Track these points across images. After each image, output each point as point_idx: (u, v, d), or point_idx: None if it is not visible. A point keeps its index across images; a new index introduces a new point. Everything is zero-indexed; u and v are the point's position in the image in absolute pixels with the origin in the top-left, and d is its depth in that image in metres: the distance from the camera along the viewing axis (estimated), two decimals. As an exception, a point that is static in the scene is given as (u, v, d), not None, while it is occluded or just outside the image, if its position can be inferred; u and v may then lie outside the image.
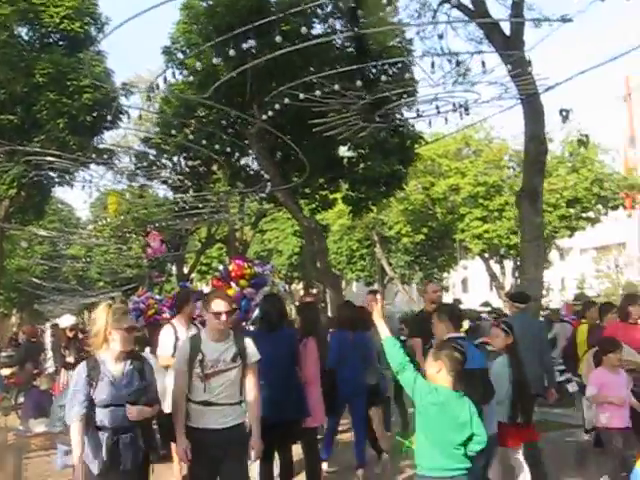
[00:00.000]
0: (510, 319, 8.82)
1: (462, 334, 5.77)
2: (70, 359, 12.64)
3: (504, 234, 35.64)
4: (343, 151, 18.91)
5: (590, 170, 35.70)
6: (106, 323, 4.99)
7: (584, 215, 36.69)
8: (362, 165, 17.99)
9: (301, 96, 9.19)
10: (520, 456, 6.60)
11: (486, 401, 5.68)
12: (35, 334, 17.07)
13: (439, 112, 8.80)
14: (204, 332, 5.60)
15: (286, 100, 9.80)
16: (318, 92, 9.01)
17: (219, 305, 5.38)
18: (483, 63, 8.35)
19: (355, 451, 8.13)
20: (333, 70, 10.27)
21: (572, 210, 35.45)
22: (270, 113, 9.70)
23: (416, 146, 17.64)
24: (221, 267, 12.75)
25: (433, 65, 8.30)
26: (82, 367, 5.02)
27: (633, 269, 50.91)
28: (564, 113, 10.25)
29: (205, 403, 5.34)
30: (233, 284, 11.62)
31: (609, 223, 39.83)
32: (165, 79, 13.75)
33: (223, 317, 5.34)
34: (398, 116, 11.91)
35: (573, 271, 53.89)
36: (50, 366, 13.34)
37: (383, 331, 4.95)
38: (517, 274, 38.83)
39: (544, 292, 18.28)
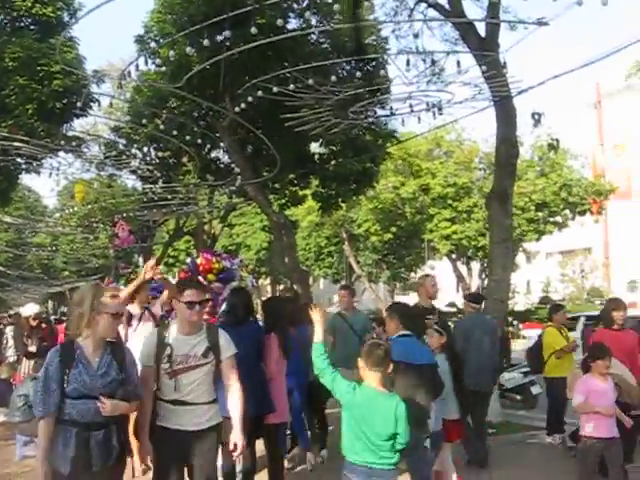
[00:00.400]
0: (466, 319, 9.15)
1: (409, 332, 5.87)
2: (32, 348, 12.47)
3: (472, 235, 35.90)
4: (314, 147, 18.87)
5: (559, 175, 36.09)
6: (92, 305, 4.46)
7: (551, 219, 37.07)
8: (333, 162, 17.98)
9: (275, 89, 9.10)
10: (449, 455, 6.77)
11: (435, 396, 5.94)
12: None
13: (412, 111, 8.78)
14: (173, 324, 5.17)
15: (259, 93, 9.70)
16: (292, 86, 8.93)
17: (192, 294, 4.95)
18: (458, 63, 8.35)
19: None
20: (307, 65, 10.19)
21: (540, 214, 35.78)
22: (243, 106, 9.60)
23: (388, 145, 17.67)
24: (189, 260, 12.63)
25: (408, 63, 8.27)
26: (55, 351, 4.47)
27: (598, 274, 51.66)
28: (536, 117, 10.32)
29: (176, 402, 4.96)
30: (201, 278, 11.54)
31: (575, 228, 40.31)
32: (137, 67, 13.61)
33: (197, 307, 4.94)
34: (371, 113, 11.83)
35: (539, 274, 54.49)
36: (11, 355, 13.12)
37: (317, 335, 5.07)
38: (484, 275, 39.17)
39: (510, 294, 18.41)
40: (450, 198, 36.14)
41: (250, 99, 9.41)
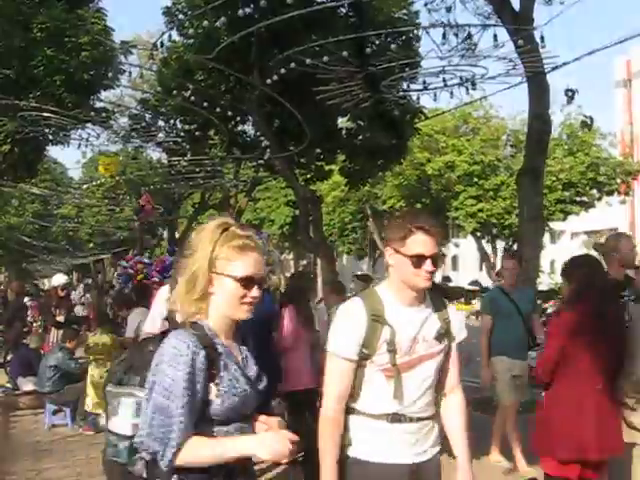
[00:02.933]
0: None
1: None
2: (60, 318, 12.62)
3: (498, 214, 35.62)
4: (342, 122, 18.73)
5: (587, 154, 35.63)
6: (212, 259, 2.59)
7: (578, 199, 36.64)
8: (360, 137, 17.84)
9: (307, 61, 9.00)
10: None
11: None
12: (24, 292, 17.01)
13: (446, 85, 8.66)
14: (385, 289, 3.28)
15: (292, 65, 9.58)
16: (326, 58, 8.82)
17: (423, 243, 3.13)
18: (495, 36, 8.23)
19: None
20: (338, 38, 10.06)
21: (567, 193, 35.41)
22: (275, 77, 9.50)
23: (416, 120, 17.47)
24: (216, 232, 12.67)
25: (445, 36, 8.15)
26: (188, 352, 2.46)
27: (623, 254, 51.12)
28: (569, 93, 10.14)
29: (394, 418, 3.16)
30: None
31: (602, 208, 39.85)
32: (170, 37, 13.56)
33: (428, 265, 3.12)
34: (402, 88, 11.67)
35: (564, 254, 54.04)
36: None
37: None
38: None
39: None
40: (476, 176, 35.85)
41: (283, 71, 9.30)
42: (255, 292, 2.65)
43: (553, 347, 4.72)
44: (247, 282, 2.61)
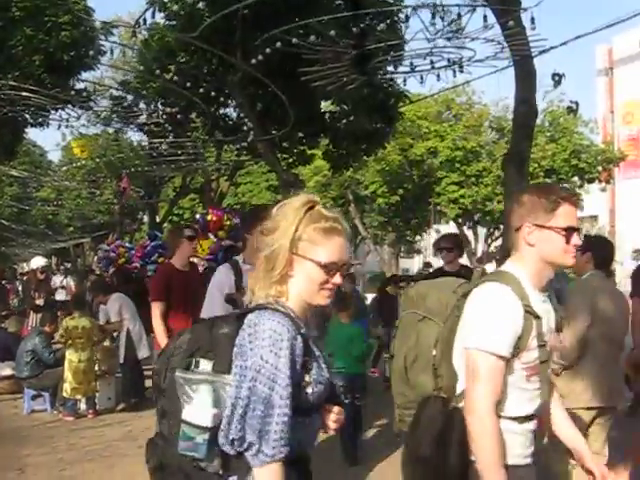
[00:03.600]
0: None
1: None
2: (40, 301, 12.46)
3: (480, 200, 35.63)
4: (325, 105, 18.58)
5: (569, 141, 35.69)
6: (294, 240, 2.39)
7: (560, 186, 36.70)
8: (344, 121, 17.72)
9: (294, 40, 8.84)
10: None
11: None
12: (2, 276, 16.78)
13: (433, 67, 8.51)
14: (520, 272, 2.93)
15: (278, 44, 9.41)
16: (312, 37, 8.64)
17: (572, 215, 2.92)
18: (485, 17, 8.09)
19: None
20: (322, 17, 9.87)
21: (549, 180, 35.44)
22: (260, 57, 9.30)
23: (400, 104, 17.36)
24: (198, 216, 12.50)
25: (434, 16, 8.00)
26: (288, 337, 2.29)
27: (604, 242, 51.47)
28: (556, 77, 10.05)
29: (527, 418, 2.94)
30: (211, 235, 11.47)
31: (583, 195, 40.00)
32: (145, 21, 13.32)
33: (577, 239, 2.89)
34: (390, 69, 11.53)
35: (544, 241, 54.23)
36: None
37: None
38: (490, 240, 39.03)
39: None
40: (459, 162, 35.78)
41: (268, 50, 9.12)
42: (337, 279, 2.44)
43: None
44: (330, 268, 2.40)
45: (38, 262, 14.16)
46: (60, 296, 16.27)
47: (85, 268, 32.40)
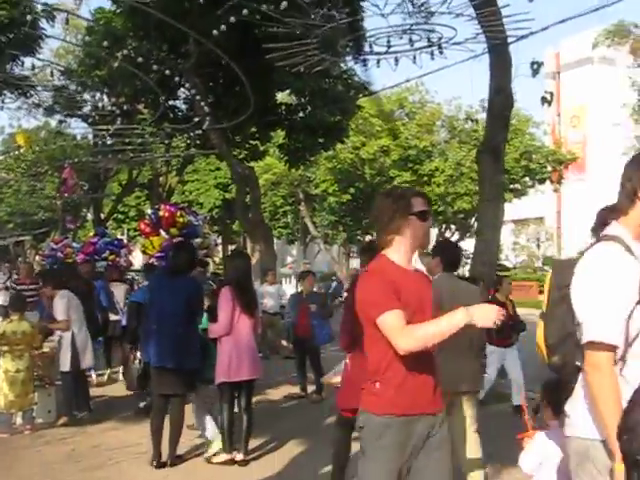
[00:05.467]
0: None
1: None
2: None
3: (433, 200, 35.24)
4: (282, 97, 17.81)
5: (520, 142, 35.61)
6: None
7: (511, 187, 36.61)
8: (301, 113, 16.97)
9: (263, 7, 7.99)
10: None
11: None
12: None
13: (412, 45, 7.79)
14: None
15: (245, 11, 8.49)
16: (285, 3, 7.79)
17: None
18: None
19: None
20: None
21: (500, 180, 35.30)
22: (223, 27, 8.41)
23: (360, 96, 16.69)
24: (150, 211, 11.69)
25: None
26: None
27: (551, 243, 51.90)
28: (535, 66, 9.46)
29: None
30: (162, 231, 10.66)
31: (530, 197, 40.06)
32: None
33: None
34: (369, 49, 10.76)
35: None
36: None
37: None
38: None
39: (464, 260, 17.83)
40: (411, 161, 35.41)
41: (232, 19, 8.26)
42: None
43: None
44: None
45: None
46: (2, 297, 15.08)
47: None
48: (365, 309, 3.41)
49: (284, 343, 14.93)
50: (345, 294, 10.08)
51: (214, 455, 6.92)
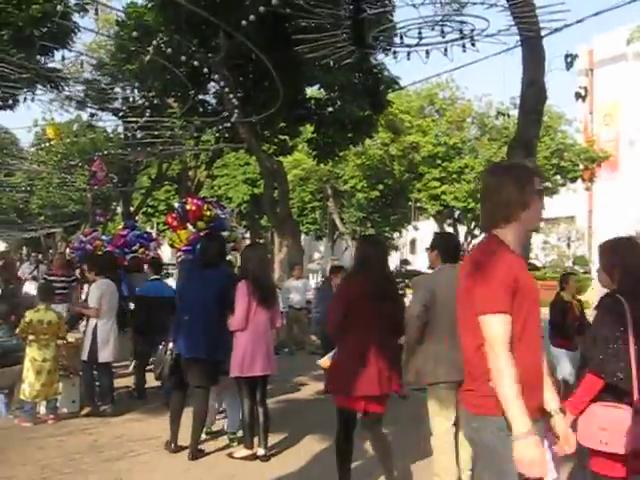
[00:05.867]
0: None
1: None
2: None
3: (462, 197, 35.02)
4: (312, 91, 17.74)
5: (552, 139, 35.24)
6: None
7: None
8: (330, 108, 16.90)
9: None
10: None
11: None
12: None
13: (443, 37, 7.65)
14: None
15: (274, 1, 8.40)
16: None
17: None
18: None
19: None
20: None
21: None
22: (252, 17, 8.34)
23: (389, 91, 16.56)
24: (177, 205, 11.65)
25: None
26: None
27: (583, 242, 51.26)
28: (569, 59, 9.28)
29: None
30: (189, 225, 10.67)
31: (562, 195, 39.61)
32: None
33: None
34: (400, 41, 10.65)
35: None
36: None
37: None
38: (469, 238, 38.42)
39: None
40: (440, 158, 35.21)
41: (262, 9, 8.20)
42: None
43: None
44: None
45: (-3, 247, 13.16)
46: (30, 287, 15.23)
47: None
48: (476, 301, 3.08)
49: (313, 338, 14.83)
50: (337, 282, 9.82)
51: (236, 450, 6.89)
